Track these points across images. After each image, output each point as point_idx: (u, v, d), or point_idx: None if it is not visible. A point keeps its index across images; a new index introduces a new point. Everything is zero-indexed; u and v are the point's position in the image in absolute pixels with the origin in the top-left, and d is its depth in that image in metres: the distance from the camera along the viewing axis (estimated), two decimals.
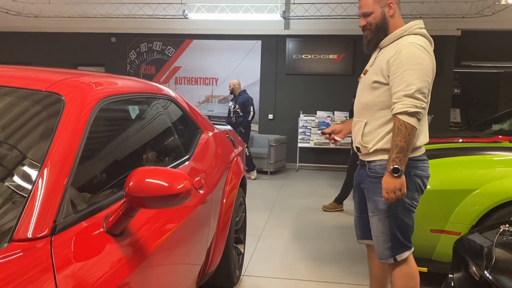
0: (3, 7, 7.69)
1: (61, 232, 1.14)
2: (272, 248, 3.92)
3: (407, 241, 2.19)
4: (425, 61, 2.03)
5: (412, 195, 2.14)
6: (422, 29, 2.12)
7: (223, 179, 2.75)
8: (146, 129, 1.98)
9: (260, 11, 7.83)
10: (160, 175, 1.33)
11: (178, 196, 1.33)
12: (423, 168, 2.19)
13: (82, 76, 1.74)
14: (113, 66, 9.34)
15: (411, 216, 2.19)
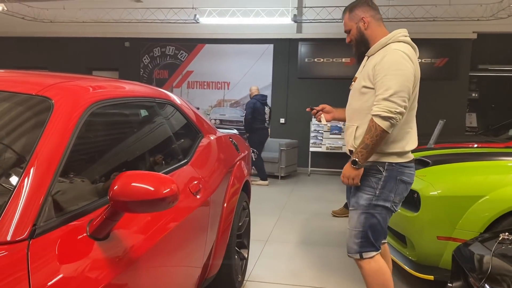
0: (19, 13, 7.85)
1: (41, 236, 1.13)
2: (278, 253, 3.88)
3: (376, 242, 2.29)
4: (406, 67, 2.10)
5: (393, 199, 2.24)
6: (406, 37, 2.21)
7: (224, 183, 2.73)
8: (140, 133, 1.97)
9: (271, 15, 7.82)
10: (146, 179, 1.31)
11: (164, 200, 1.31)
12: (409, 175, 2.27)
13: (77, 80, 1.74)
14: (127, 71, 9.44)
15: (386, 219, 2.29)
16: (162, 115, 2.21)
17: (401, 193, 2.27)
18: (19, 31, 9.37)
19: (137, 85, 2.18)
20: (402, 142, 2.21)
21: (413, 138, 2.26)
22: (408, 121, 2.22)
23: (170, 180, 1.36)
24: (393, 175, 2.20)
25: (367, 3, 2.32)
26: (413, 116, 2.24)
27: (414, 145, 2.26)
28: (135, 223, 1.53)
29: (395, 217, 3.30)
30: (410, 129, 2.24)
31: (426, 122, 8.09)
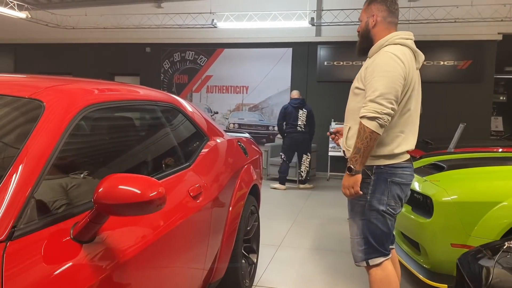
0: (43, 20, 8.07)
1: (19, 238, 1.13)
2: (290, 259, 3.83)
3: (381, 247, 2.24)
4: (394, 68, 2.08)
5: (387, 201, 2.19)
6: (405, 40, 2.20)
7: (230, 187, 2.71)
8: (137, 137, 1.97)
9: (288, 18, 7.79)
10: (133, 182, 1.30)
11: (151, 203, 1.30)
12: (402, 176, 2.22)
13: (73, 83, 1.75)
14: (148, 76, 9.58)
15: (386, 223, 2.22)
16: (163, 119, 2.21)
17: (396, 194, 2.21)
18: (43, 38, 9.63)
19: (139, 88, 2.18)
20: (390, 146, 2.19)
21: (405, 141, 2.22)
22: (398, 125, 2.19)
23: (157, 183, 1.35)
24: (382, 178, 2.18)
25: (386, 3, 2.29)
26: (406, 120, 2.20)
27: (407, 147, 2.23)
28: (125, 226, 1.52)
29: (408, 223, 3.22)
30: (401, 133, 2.20)
31: (448, 126, 7.92)
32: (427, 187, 3.11)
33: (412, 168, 2.29)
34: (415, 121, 2.27)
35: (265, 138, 8.97)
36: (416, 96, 2.24)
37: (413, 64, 2.18)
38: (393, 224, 2.29)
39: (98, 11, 8.38)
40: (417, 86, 2.25)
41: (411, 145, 2.25)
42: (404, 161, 2.23)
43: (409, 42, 2.21)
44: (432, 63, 8.17)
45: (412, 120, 2.24)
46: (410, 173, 2.27)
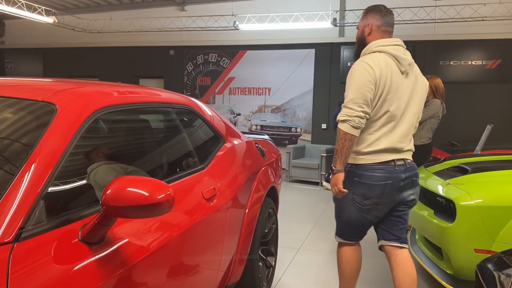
0: (70, 24, 8.27)
1: (27, 239, 1.15)
2: (310, 262, 3.79)
3: (343, 230, 2.61)
4: (361, 75, 2.29)
5: (352, 196, 2.44)
6: (383, 47, 2.38)
7: (247, 189, 2.69)
8: (151, 139, 1.98)
9: (310, 19, 7.74)
10: (141, 184, 1.31)
11: (158, 206, 1.30)
12: (372, 177, 2.38)
13: (87, 85, 1.77)
14: (172, 78, 9.68)
15: (351, 214, 2.50)
16: (178, 121, 2.21)
17: (363, 193, 2.41)
18: (70, 42, 9.87)
19: (154, 90, 2.20)
20: (361, 145, 2.39)
21: (378, 141, 2.37)
22: (374, 126, 2.37)
23: (165, 186, 1.35)
24: (350, 176, 2.42)
25: (380, 13, 2.46)
26: (384, 122, 2.36)
27: (379, 147, 2.37)
28: (136, 227, 1.52)
29: (430, 227, 3.13)
30: (374, 134, 2.37)
31: (475, 128, 7.70)
32: (450, 191, 3.02)
33: (389, 170, 2.38)
34: (400, 123, 2.39)
35: (287, 140, 8.93)
36: (400, 98, 2.36)
37: (391, 68, 2.32)
38: (367, 219, 2.49)
39: (122, 15, 8.53)
40: (402, 88, 2.37)
41: (384, 143, 2.37)
42: (377, 163, 2.37)
43: (389, 48, 2.37)
44: (459, 63, 7.97)
45: (395, 122, 2.37)
46: (382, 175, 2.37)
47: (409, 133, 2.48)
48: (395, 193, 2.41)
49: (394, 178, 2.38)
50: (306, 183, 7.85)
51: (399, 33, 8.06)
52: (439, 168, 3.64)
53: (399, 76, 2.35)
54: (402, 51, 2.41)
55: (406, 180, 2.43)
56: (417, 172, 2.53)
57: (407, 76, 2.40)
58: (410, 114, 2.42)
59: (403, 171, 2.41)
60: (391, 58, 2.36)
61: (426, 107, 4.71)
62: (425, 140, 4.76)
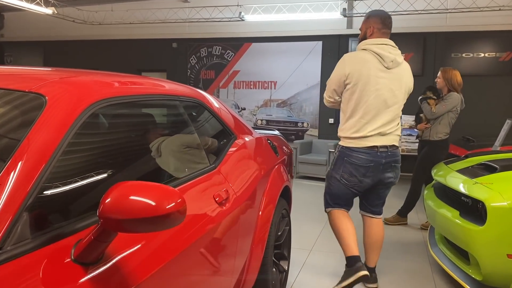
0: (70, 16, 8.03)
1: (5, 264, 0.92)
2: (323, 264, 3.57)
3: (331, 202, 3.08)
4: (336, 69, 2.91)
5: (341, 174, 2.95)
6: (368, 45, 2.85)
7: (260, 189, 2.47)
8: (156, 135, 1.75)
9: (319, 10, 7.48)
10: (146, 191, 1.09)
11: (168, 217, 1.09)
12: (358, 158, 2.86)
13: (84, 75, 1.55)
14: (175, 72, 9.45)
15: (340, 188, 2.98)
16: (186, 115, 1.98)
17: (350, 171, 2.90)
18: (71, 35, 9.63)
19: (160, 81, 1.97)
20: (349, 131, 2.89)
21: (363, 128, 2.83)
22: (353, 114, 2.86)
23: (176, 193, 1.13)
24: (341, 156, 2.95)
25: (380, 18, 2.91)
26: (359, 109, 2.82)
27: (363, 133, 2.83)
28: (140, 240, 1.30)
29: (455, 230, 2.91)
30: (358, 120, 2.84)
31: (490, 122, 7.44)
32: (479, 190, 2.79)
33: (372, 155, 2.85)
34: (383, 112, 2.83)
35: (294, 135, 8.70)
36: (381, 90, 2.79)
37: (366, 64, 2.79)
38: (352, 192, 2.98)
39: (124, 7, 8.28)
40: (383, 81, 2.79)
41: (363, 130, 2.83)
42: (363, 147, 2.84)
43: (373, 47, 2.82)
44: (471, 55, 7.70)
45: (377, 110, 2.81)
46: (366, 158, 2.85)
47: (393, 121, 2.90)
48: (376, 173, 2.90)
49: (376, 162, 2.86)
50: (314, 179, 7.62)
51: (409, 25, 7.85)
52: (462, 166, 3.41)
53: (379, 71, 2.79)
54: (388, 49, 2.82)
55: (386, 165, 2.91)
56: (397, 158, 3.00)
57: (391, 71, 2.82)
58: (394, 106, 2.86)
59: (384, 157, 2.88)
60: (374, 55, 2.80)
61: (443, 101, 4.47)
62: (442, 136, 4.53)
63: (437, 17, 7.56)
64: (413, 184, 4.77)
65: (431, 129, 4.57)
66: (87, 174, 1.28)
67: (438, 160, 4.40)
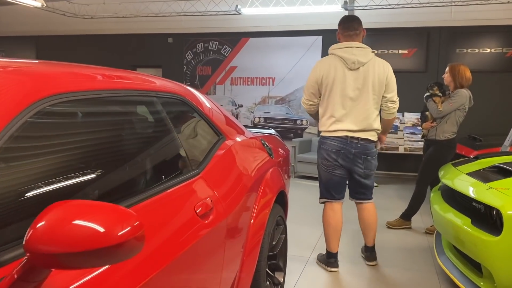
0: (60, 9, 7.75)
1: None
2: (322, 274, 3.32)
3: (324, 191, 3.35)
4: (311, 73, 3.23)
5: (320, 160, 3.31)
6: (334, 50, 3.17)
7: (251, 196, 2.22)
8: (124, 138, 1.49)
9: (319, 3, 7.21)
10: (91, 213, 0.85)
11: (121, 247, 0.85)
12: (330, 145, 3.21)
13: (35, 65, 1.29)
14: (170, 67, 9.18)
15: (324, 174, 3.32)
16: (164, 113, 1.72)
17: (324, 156, 3.25)
18: (63, 30, 9.37)
19: (136, 74, 1.71)
20: (326, 122, 3.21)
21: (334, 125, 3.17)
22: (325, 112, 3.21)
23: (131, 215, 0.89)
24: (319, 145, 3.33)
25: (341, 24, 3.25)
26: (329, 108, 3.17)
27: (333, 129, 3.18)
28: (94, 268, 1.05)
29: (467, 239, 2.65)
30: (329, 117, 3.19)
31: (497, 120, 7.17)
32: (493, 196, 2.54)
33: (343, 142, 3.16)
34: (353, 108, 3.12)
35: (292, 133, 8.44)
36: (347, 89, 3.09)
37: (333, 67, 3.09)
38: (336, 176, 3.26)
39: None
40: (350, 81, 3.08)
41: (343, 127, 3.14)
42: (335, 136, 3.18)
43: (338, 51, 3.11)
44: (477, 50, 7.43)
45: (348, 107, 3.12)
46: (337, 145, 3.17)
47: (364, 118, 3.14)
48: (347, 162, 3.20)
49: (346, 150, 3.17)
50: (313, 179, 7.35)
51: (412, 19, 7.56)
52: (473, 168, 3.15)
53: (345, 72, 3.08)
54: (351, 51, 3.08)
55: (357, 155, 3.18)
56: (368, 152, 3.22)
57: (357, 71, 3.08)
58: (362, 102, 3.11)
59: (354, 147, 3.16)
60: (339, 58, 3.09)
61: (450, 99, 4.22)
62: (449, 135, 4.27)
63: (441, 11, 7.29)
64: (418, 186, 4.51)
65: (437, 128, 4.32)
66: (21, 189, 1.03)
67: (444, 161, 4.15)
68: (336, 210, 3.32)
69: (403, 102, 7.24)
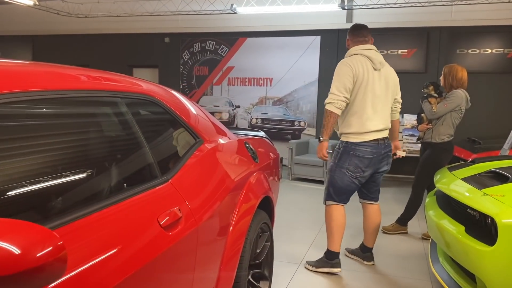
0: (53, 8, 7.66)
1: None
2: (313, 281, 3.20)
3: (335, 195, 3.29)
4: (342, 69, 3.11)
5: (347, 166, 3.21)
6: (360, 50, 3.17)
7: (231, 202, 2.11)
8: (76, 144, 1.37)
9: (316, 2, 7.09)
10: (5, 232, 0.73)
11: (40, 271, 0.74)
12: (363, 151, 3.17)
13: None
14: (167, 68, 9.09)
15: (344, 180, 3.23)
16: (129, 116, 1.60)
17: (356, 163, 3.19)
18: (59, 29, 9.29)
19: (99, 73, 1.59)
20: (356, 126, 3.16)
21: (365, 124, 3.15)
22: (356, 111, 3.15)
23: (51, 235, 0.77)
24: (346, 151, 3.21)
25: (352, 31, 3.33)
26: (361, 106, 3.14)
27: (366, 129, 3.15)
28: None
29: (461, 249, 2.53)
30: (353, 116, 3.17)
31: (498, 122, 7.04)
32: (488, 203, 2.41)
33: (375, 147, 3.19)
34: (379, 109, 3.18)
35: (290, 134, 8.32)
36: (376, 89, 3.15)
37: (364, 66, 3.11)
38: (355, 183, 3.25)
39: None
40: (376, 81, 3.15)
41: (369, 127, 3.15)
42: (366, 141, 3.16)
43: (365, 52, 3.16)
44: (478, 51, 7.30)
45: (375, 108, 3.16)
46: (370, 150, 3.18)
47: (387, 117, 3.29)
48: (376, 164, 3.25)
49: (377, 153, 3.21)
50: (310, 181, 7.24)
51: (411, 19, 7.43)
52: (469, 173, 3.02)
53: (372, 72, 3.14)
54: (374, 53, 3.19)
55: (384, 155, 3.26)
56: (390, 148, 3.36)
57: (379, 72, 3.19)
58: (385, 102, 3.24)
59: (383, 148, 3.24)
60: (366, 58, 3.14)
61: (445, 100, 4.10)
62: (445, 137, 4.15)
63: (441, 11, 7.16)
64: (414, 190, 4.39)
65: (433, 130, 4.19)
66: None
67: (441, 164, 4.02)
68: (343, 211, 3.34)
69: (402, 103, 7.16)
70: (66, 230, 1.09)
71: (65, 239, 1.05)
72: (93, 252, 1.12)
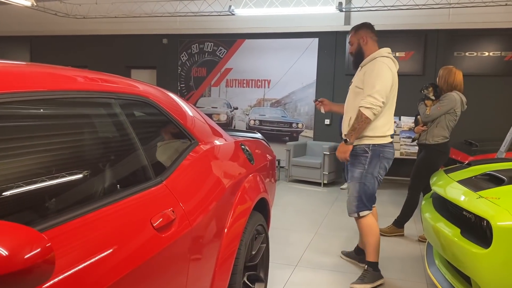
0: (51, 9, 7.65)
1: None
2: (308, 283, 3.20)
3: (368, 203, 3.16)
4: (387, 74, 2.99)
5: (378, 170, 3.12)
6: (389, 54, 3.09)
7: (226, 204, 2.10)
8: (69, 145, 1.37)
9: (313, 4, 7.10)
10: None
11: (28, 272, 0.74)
12: (389, 153, 3.14)
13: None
14: (165, 69, 9.09)
15: (374, 186, 3.16)
16: (123, 117, 1.60)
17: (385, 166, 3.15)
18: (57, 30, 9.28)
19: (94, 74, 1.59)
20: (383, 128, 3.08)
21: (390, 127, 3.14)
22: (386, 114, 3.09)
23: (39, 237, 0.77)
24: (376, 154, 3.09)
25: (369, 27, 3.20)
26: (389, 110, 3.11)
27: (389, 131, 3.13)
28: None
29: (456, 251, 2.53)
30: (389, 120, 3.12)
31: (494, 125, 7.04)
32: (483, 206, 2.41)
33: (393, 147, 3.19)
34: (392, 111, 3.16)
35: (287, 136, 8.32)
36: (396, 91, 3.13)
37: (394, 70, 3.06)
38: (377, 184, 3.18)
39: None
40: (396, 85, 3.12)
41: (392, 129, 3.17)
42: (389, 142, 3.14)
43: (391, 56, 3.11)
44: (475, 54, 7.31)
45: (392, 110, 3.15)
46: (393, 151, 3.19)
47: None
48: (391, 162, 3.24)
49: (393, 153, 3.24)
50: (307, 183, 7.25)
51: (409, 21, 7.44)
52: (465, 175, 3.02)
53: (396, 75, 3.11)
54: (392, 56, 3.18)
55: None
56: None
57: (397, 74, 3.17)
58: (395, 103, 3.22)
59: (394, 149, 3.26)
60: (393, 61, 3.10)
61: (439, 102, 4.11)
62: (439, 139, 4.15)
63: (439, 13, 7.17)
64: (410, 192, 4.39)
65: (427, 132, 4.20)
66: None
67: (436, 166, 4.03)
68: (374, 219, 3.25)
69: (399, 105, 7.16)
70: (58, 231, 1.08)
71: (57, 240, 1.05)
72: (85, 253, 1.12)
